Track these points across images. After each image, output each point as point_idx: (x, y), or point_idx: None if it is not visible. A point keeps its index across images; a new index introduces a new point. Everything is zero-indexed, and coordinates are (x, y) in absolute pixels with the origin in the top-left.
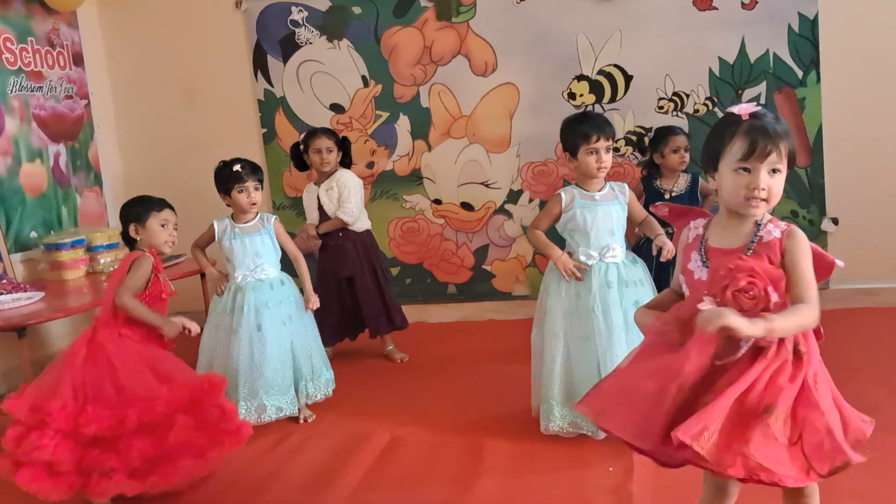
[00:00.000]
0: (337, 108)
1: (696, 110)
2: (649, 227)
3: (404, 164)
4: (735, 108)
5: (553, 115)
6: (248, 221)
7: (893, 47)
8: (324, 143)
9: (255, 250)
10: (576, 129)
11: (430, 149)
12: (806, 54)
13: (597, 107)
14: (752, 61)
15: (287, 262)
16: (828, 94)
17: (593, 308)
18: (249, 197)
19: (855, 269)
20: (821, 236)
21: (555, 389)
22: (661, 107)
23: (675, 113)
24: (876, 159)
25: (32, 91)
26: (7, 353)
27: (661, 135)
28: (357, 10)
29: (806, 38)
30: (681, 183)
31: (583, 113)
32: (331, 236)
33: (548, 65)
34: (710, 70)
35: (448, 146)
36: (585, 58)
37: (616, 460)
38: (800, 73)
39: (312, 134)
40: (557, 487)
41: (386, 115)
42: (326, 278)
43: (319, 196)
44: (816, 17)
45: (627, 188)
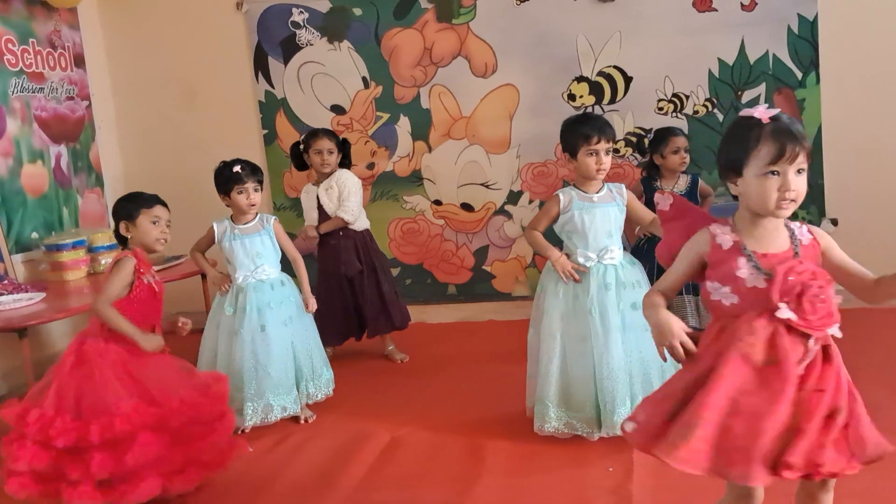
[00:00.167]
0: (337, 109)
1: (696, 111)
2: (660, 227)
3: (404, 165)
4: (752, 111)
5: (553, 116)
6: (248, 222)
7: (893, 48)
8: (325, 144)
9: (255, 251)
10: (576, 129)
11: (430, 150)
12: (805, 55)
13: (596, 108)
14: (751, 62)
15: (286, 263)
16: (827, 95)
17: (591, 310)
18: (249, 198)
19: None
20: None
21: (551, 390)
22: (660, 108)
23: (674, 114)
24: (875, 160)
25: (34, 92)
26: (8, 353)
27: (661, 136)
28: (357, 11)
29: (805, 39)
30: (681, 184)
31: (583, 114)
32: (331, 236)
33: (548, 66)
34: (710, 71)
35: (448, 147)
36: (585, 59)
37: (616, 460)
38: (799, 75)
39: (313, 135)
40: (557, 487)
41: (386, 116)
42: (328, 278)
43: (319, 196)
44: (816, 18)
45: (625, 189)
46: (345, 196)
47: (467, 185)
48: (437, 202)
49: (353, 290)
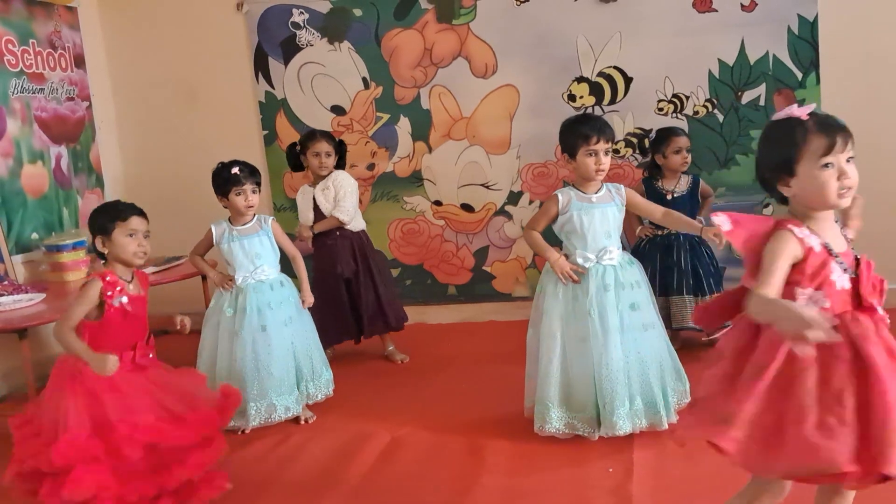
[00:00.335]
0: (338, 109)
1: (696, 112)
2: (678, 222)
3: (405, 165)
4: (787, 112)
5: (553, 116)
6: (246, 223)
7: (893, 49)
8: (322, 147)
9: (254, 252)
10: (575, 130)
11: (430, 150)
12: (805, 56)
13: (596, 108)
14: (751, 63)
15: (286, 263)
16: (827, 96)
17: (590, 311)
18: (247, 199)
19: None
20: None
21: (551, 391)
22: (660, 108)
23: (674, 115)
24: (875, 160)
25: (34, 93)
26: (8, 354)
27: (663, 136)
28: (358, 12)
29: (805, 39)
30: (682, 184)
31: (582, 115)
32: (327, 236)
33: (548, 66)
34: (710, 72)
35: (448, 148)
36: (585, 59)
37: (616, 461)
38: (799, 75)
39: (311, 137)
40: (557, 488)
41: (386, 116)
42: (324, 278)
43: (315, 196)
44: (816, 18)
45: (624, 189)
46: (341, 196)
47: (467, 186)
48: (438, 203)
49: (349, 290)
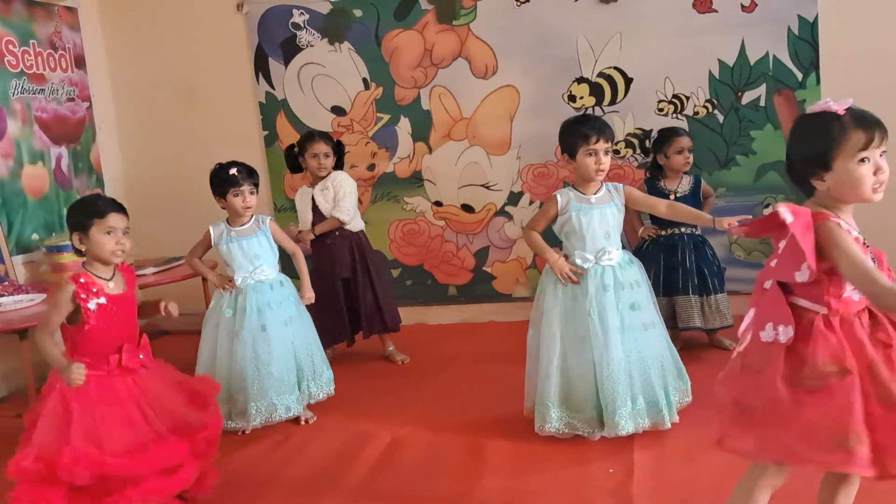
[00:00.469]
0: (338, 110)
1: (696, 112)
2: (684, 213)
3: (405, 166)
4: (824, 106)
5: (553, 117)
6: (244, 224)
7: (893, 49)
8: (321, 148)
9: (253, 252)
10: (575, 130)
11: (430, 151)
12: (805, 56)
13: (597, 109)
14: (751, 63)
15: (285, 263)
16: (827, 96)
17: (590, 311)
18: (245, 200)
19: None
20: None
21: (551, 391)
22: (660, 109)
23: (674, 115)
24: None
25: (34, 93)
26: (8, 354)
27: (665, 136)
28: (358, 12)
29: (805, 40)
30: (684, 184)
31: (582, 115)
32: (326, 236)
33: (548, 67)
34: (710, 72)
35: (448, 148)
36: (585, 60)
37: (616, 461)
38: (799, 76)
39: (309, 138)
40: (558, 488)
41: (387, 117)
42: (323, 279)
43: (315, 197)
44: (816, 19)
45: (623, 187)
46: (340, 196)
47: (468, 187)
48: (438, 203)
49: (347, 290)
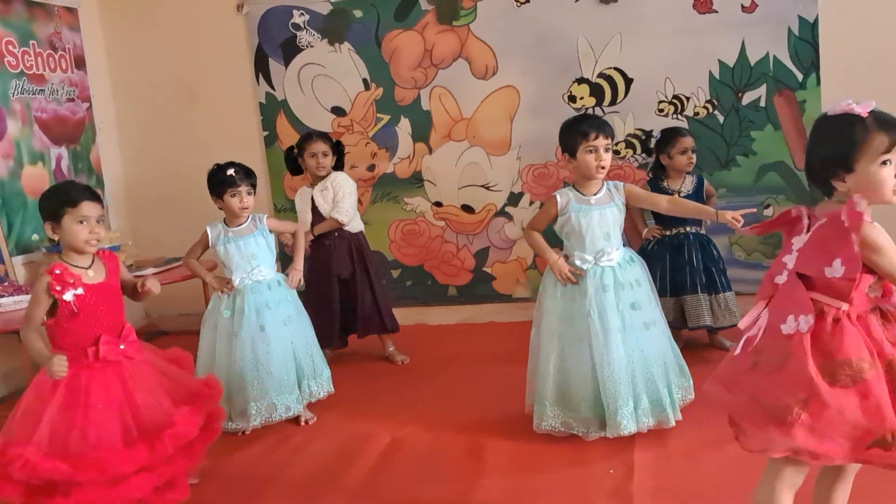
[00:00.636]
0: (338, 111)
1: (697, 113)
2: (687, 208)
3: (405, 166)
4: (847, 108)
5: (553, 117)
6: (241, 224)
7: (893, 49)
8: (319, 147)
9: (250, 252)
10: (574, 128)
11: (430, 151)
12: (806, 57)
13: (597, 109)
14: (752, 64)
15: (283, 264)
16: (828, 97)
17: (590, 312)
18: (242, 201)
19: None
20: None
21: (548, 389)
22: (661, 109)
23: (675, 116)
24: None
25: (34, 94)
26: (8, 355)
27: (669, 136)
28: (358, 13)
29: (806, 40)
30: (687, 184)
31: (582, 114)
32: (325, 236)
33: (548, 67)
34: (711, 73)
35: (449, 149)
36: (586, 60)
37: (617, 462)
38: (800, 76)
39: (307, 138)
40: (558, 489)
41: (387, 117)
42: (321, 279)
43: (314, 197)
44: (816, 19)
45: (623, 186)
46: (339, 197)
47: (468, 187)
48: (438, 204)
49: (346, 291)
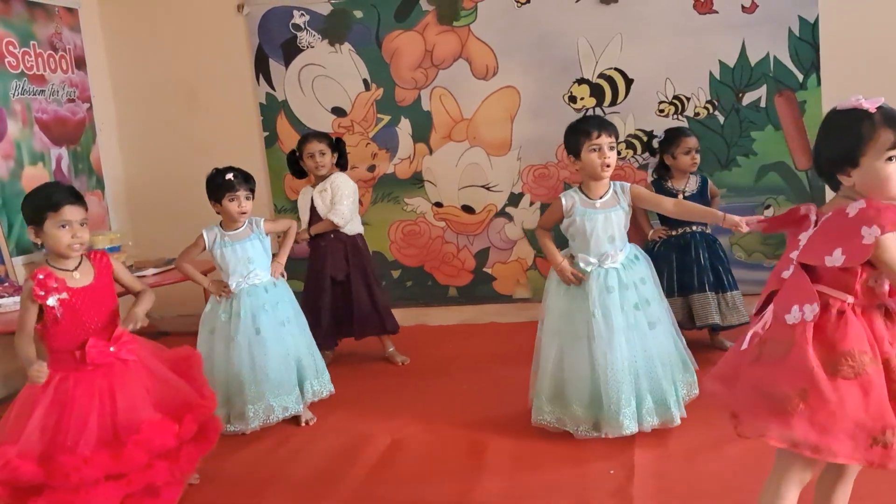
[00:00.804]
0: (338, 111)
1: (697, 113)
2: (693, 211)
3: (405, 167)
4: (856, 103)
5: (554, 118)
6: (238, 228)
7: (893, 50)
8: (315, 146)
9: (247, 256)
10: (577, 128)
11: (431, 152)
12: (806, 57)
13: (597, 110)
14: (752, 64)
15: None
16: (828, 97)
17: (594, 312)
18: (240, 206)
19: None
20: None
21: (545, 385)
22: (661, 110)
23: (675, 116)
24: None
25: (35, 95)
26: (9, 355)
27: (672, 136)
28: (358, 13)
29: (806, 41)
30: (691, 184)
31: (584, 116)
32: (322, 238)
33: (548, 68)
34: (711, 73)
35: (449, 149)
36: (586, 61)
37: (617, 462)
38: (800, 77)
39: (304, 140)
40: (558, 489)
41: (387, 118)
42: (316, 280)
43: (313, 198)
44: (817, 20)
45: (629, 187)
46: (337, 199)
47: (468, 188)
48: (438, 204)
49: (341, 292)
